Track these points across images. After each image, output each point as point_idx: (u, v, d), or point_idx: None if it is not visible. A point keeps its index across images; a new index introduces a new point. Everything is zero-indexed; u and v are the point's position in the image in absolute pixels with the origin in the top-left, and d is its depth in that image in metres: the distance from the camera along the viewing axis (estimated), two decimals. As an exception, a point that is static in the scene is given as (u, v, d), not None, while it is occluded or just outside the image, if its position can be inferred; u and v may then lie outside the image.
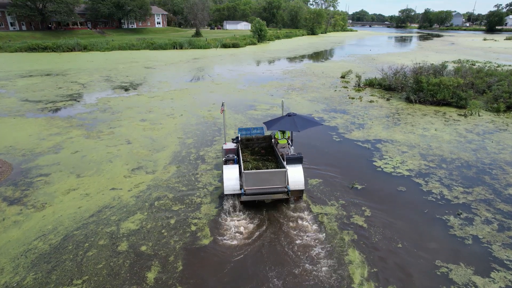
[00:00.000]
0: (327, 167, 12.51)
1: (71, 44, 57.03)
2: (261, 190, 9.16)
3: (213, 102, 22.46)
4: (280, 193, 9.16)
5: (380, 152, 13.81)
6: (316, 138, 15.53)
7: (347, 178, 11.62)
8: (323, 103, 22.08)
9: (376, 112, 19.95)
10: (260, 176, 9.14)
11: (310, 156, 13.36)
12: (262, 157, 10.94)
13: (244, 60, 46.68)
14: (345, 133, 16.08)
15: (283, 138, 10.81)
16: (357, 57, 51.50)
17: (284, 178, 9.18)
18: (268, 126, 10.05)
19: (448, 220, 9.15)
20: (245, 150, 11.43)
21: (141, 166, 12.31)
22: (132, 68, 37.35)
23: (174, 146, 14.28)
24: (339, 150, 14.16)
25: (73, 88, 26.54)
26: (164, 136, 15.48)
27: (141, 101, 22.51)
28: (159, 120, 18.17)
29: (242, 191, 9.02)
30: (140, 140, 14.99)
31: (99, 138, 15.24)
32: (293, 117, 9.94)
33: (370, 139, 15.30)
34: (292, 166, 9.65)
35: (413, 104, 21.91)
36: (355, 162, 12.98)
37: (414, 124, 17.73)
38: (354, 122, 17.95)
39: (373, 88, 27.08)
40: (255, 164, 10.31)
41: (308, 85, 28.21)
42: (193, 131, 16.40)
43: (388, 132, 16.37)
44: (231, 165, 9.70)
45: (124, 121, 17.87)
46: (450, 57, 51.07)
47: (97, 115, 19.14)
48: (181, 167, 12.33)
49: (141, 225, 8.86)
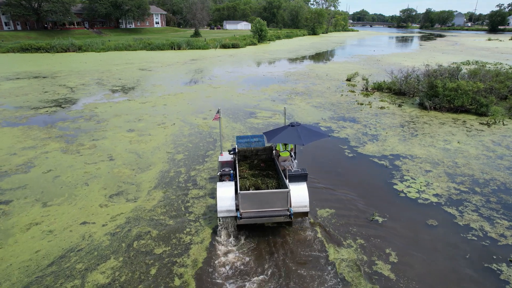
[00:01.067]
0: (339, 190, 10.67)
1: (65, 44, 55.19)
2: (260, 213, 8.00)
3: (209, 108, 20.61)
4: (281, 216, 8.06)
5: (400, 171, 11.96)
6: (325, 152, 13.68)
7: (364, 206, 9.77)
8: (330, 110, 20.22)
9: (389, 121, 18.10)
10: (258, 197, 7.98)
11: (318, 175, 11.52)
12: (262, 171, 9.58)
13: (244, 61, 44.82)
14: (357, 147, 14.22)
15: (285, 150, 9.71)
16: (361, 58, 49.62)
17: (286, 200, 8.03)
18: (269, 137, 8.92)
19: (500, 271, 7.29)
20: (242, 163, 10.10)
21: (121, 191, 10.45)
22: (126, 70, 35.49)
23: (161, 163, 12.41)
24: (353, 169, 12.30)
25: (60, 93, 24.69)
26: (151, 151, 13.62)
27: (132, 107, 20.65)
28: (148, 130, 16.31)
29: (238, 213, 7.92)
30: (124, 155, 13.13)
31: (78, 153, 13.38)
32: (296, 128, 8.81)
33: (386, 154, 13.45)
34: (295, 184, 8.49)
35: (428, 111, 20.05)
36: (373, 184, 11.12)
37: (433, 135, 15.87)
38: (366, 132, 16.10)
39: (382, 93, 25.22)
40: (253, 181, 8.94)
41: (312, 89, 26.35)
42: (184, 143, 14.54)
43: (405, 145, 14.51)
44: (226, 183, 8.59)
45: (109, 132, 16.01)
46: (458, 58, 49.20)
47: (81, 124, 17.28)
48: (169, 192, 10.47)
49: (114, 277, 7.01)
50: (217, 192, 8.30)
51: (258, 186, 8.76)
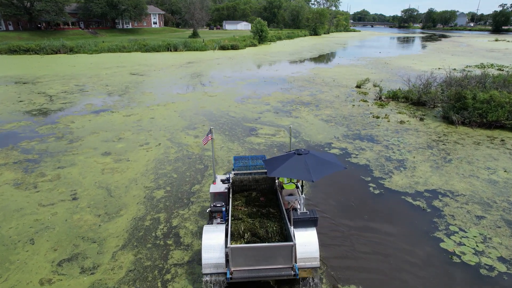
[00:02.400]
0: (365, 251, 7.95)
1: (56, 45, 52.52)
2: (255, 272, 6.31)
3: (202, 122, 17.91)
4: (284, 276, 6.34)
5: (443, 218, 9.24)
6: (344, 187, 10.97)
7: (403, 283, 7.06)
8: (343, 125, 17.50)
9: (413, 140, 15.39)
10: (254, 253, 6.28)
11: (334, 224, 8.81)
12: (261, 209, 7.75)
13: (243, 64, 42.08)
14: (383, 178, 11.48)
15: (290, 183, 7.95)
16: (367, 60, 46.89)
17: (290, 255, 6.33)
18: (269, 168, 7.06)
19: None
20: (238, 196, 8.31)
21: (76, 253, 7.71)
22: (116, 75, 32.76)
23: (136, 206, 9.67)
24: (381, 213, 9.58)
25: (36, 102, 21.97)
26: (126, 185, 10.88)
27: (114, 121, 17.93)
28: (127, 153, 13.59)
29: (227, 271, 6.24)
30: (91, 192, 10.40)
31: (34, 189, 10.67)
32: (304, 157, 6.92)
33: (420, 190, 10.73)
34: (302, 231, 6.67)
35: (456, 127, 17.34)
36: (412, 240, 8.40)
37: (470, 160, 13.16)
38: (389, 157, 13.37)
39: (398, 102, 22.50)
40: (249, 225, 7.14)
41: (319, 98, 23.63)
42: (168, 173, 11.81)
43: (440, 175, 11.79)
44: (214, 227, 6.74)
45: (80, 156, 13.29)
46: (470, 60, 46.53)
47: (49, 144, 14.56)
48: (141, 254, 7.75)
49: None
50: (203, 239, 6.49)
51: (255, 231, 7.01)
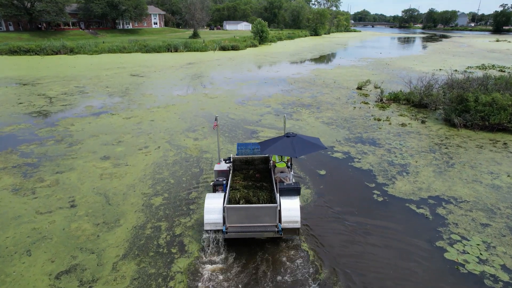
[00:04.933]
0: (367, 261, 7.82)
1: (56, 46, 52.43)
2: (246, 228, 7.84)
3: (202, 124, 17.80)
4: (269, 232, 7.83)
5: (446, 226, 9.10)
6: (348, 194, 10.82)
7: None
8: (344, 128, 17.36)
9: (415, 143, 15.25)
10: (245, 212, 7.81)
11: (339, 234, 8.69)
12: (256, 183, 9.20)
13: (244, 65, 41.95)
14: (386, 185, 11.34)
15: (281, 161, 9.37)
16: (368, 61, 46.73)
17: (274, 215, 7.80)
18: (263, 148, 8.62)
19: None
20: (238, 173, 9.80)
21: (75, 265, 7.57)
22: (116, 76, 32.65)
23: (134, 214, 9.53)
24: (384, 222, 9.43)
25: (36, 104, 21.86)
26: (124, 191, 10.74)
27: (113, 124, 17.82)
28: (126, 157, 13.47)
29: (224, 228, 7.76)
30: (89, 199, 10.28)
31: (32, 194, 10.55)
32: (291, 139, 8.43)
33: (424, 197, 10.59)
34: (287, 198, 8.08)
35: (458, 130, 17.20)
36: (418, 253, 8.25)
37: (473, 164, 13.02)
38: (392, 161, 13.23)
39: (399, 105, 22.35)
40: (244, 193, 8.52)
41: (320, 100, 23.49)
42: (166, 178, 11.67)
43: (443, 181, 11.65)
44: (215, 194, 8.36)
45: (79, 160, 13.18)
46: (471, 61, 46.37)
47: (49, 148, 14.45)
48: (144, 263, 7.62)
49: None
50: (205, 203, 8.02)
51: (248, 198, 8.34)
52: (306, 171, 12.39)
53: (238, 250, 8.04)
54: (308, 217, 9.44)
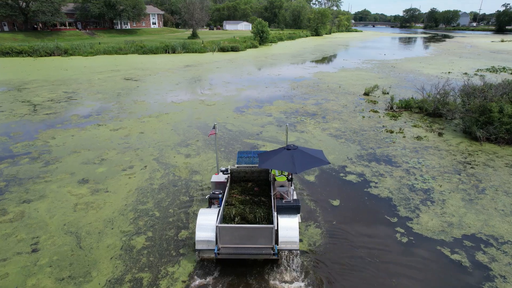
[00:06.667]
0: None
1: (50, 47, 50.62)
2: (240, 250, 7.19)
3: (196, 137, 16.08)
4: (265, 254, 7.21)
5: (491, 280, 7.36)
6: (367, 233, 9.06)
7: None
8: (354, 142, 15.62)
9: (436, 161, 13.50)
10: (238, 232, 7.11)
11: (359, 284, 6.96)
12: (254, 197, 8.66)
13: (243, 68, 40.19)
14: (410, 219, 9.58)
15: (281, 175, 8.64)
16: (373, 63, 44.95)
17: (270, 236, 7.11)
18: (261, 161, 8.01)
19: None
20: (235, 185, 9.29)
21: None
22: (109, 80, 30.91)
23: (109, 262, 7.77)
24: (416, 271, 7.68)
25: (18, 113, 20.13)
26: (101, 229, 9.00)
27: (98, 137, 16.09)
28: (108, 180, 11.73)
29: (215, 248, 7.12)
30: (57, 240, 8.53)
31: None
32: (292, 152, 7.78)
33: (456, 236, 8.84)
34: (286, 217, 7.49)
35: (480, 144, 15.46)
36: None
37: (507, 189, 11.27)
38: (413, 186, 11.48)
39: (411, 113, 20.60)
40: (240, 210, 8.01)
41: (325, 108, 21.74)
42: (150, 210, 9.92)
43: (477, 213, 9.90)
44: (209, 210, 7.73)
45: (53, 184, 11.44)
46: (479, 63, 44.64)
47: (21, 168, 12.72)
48: None
49: None
50: (197, 219, 7.47)
51: (244, 216, 7.82)
52: (316, 200, 10.62)
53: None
54: (317, 265, 7.70)
